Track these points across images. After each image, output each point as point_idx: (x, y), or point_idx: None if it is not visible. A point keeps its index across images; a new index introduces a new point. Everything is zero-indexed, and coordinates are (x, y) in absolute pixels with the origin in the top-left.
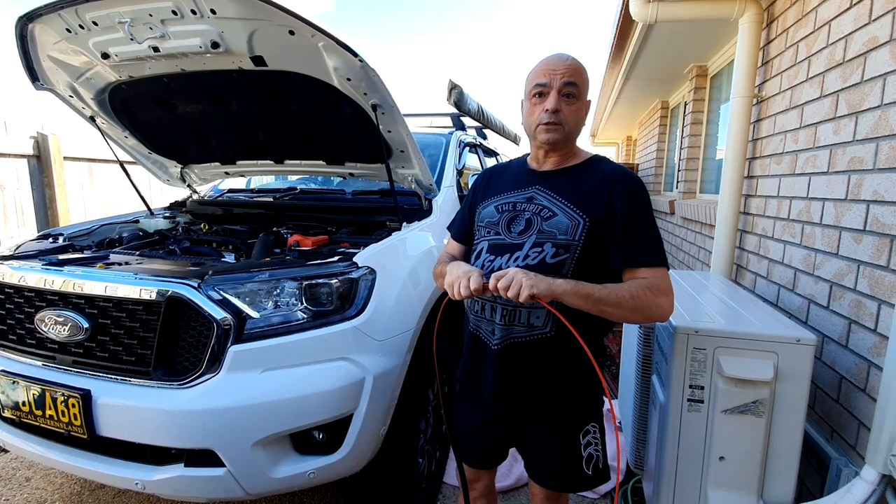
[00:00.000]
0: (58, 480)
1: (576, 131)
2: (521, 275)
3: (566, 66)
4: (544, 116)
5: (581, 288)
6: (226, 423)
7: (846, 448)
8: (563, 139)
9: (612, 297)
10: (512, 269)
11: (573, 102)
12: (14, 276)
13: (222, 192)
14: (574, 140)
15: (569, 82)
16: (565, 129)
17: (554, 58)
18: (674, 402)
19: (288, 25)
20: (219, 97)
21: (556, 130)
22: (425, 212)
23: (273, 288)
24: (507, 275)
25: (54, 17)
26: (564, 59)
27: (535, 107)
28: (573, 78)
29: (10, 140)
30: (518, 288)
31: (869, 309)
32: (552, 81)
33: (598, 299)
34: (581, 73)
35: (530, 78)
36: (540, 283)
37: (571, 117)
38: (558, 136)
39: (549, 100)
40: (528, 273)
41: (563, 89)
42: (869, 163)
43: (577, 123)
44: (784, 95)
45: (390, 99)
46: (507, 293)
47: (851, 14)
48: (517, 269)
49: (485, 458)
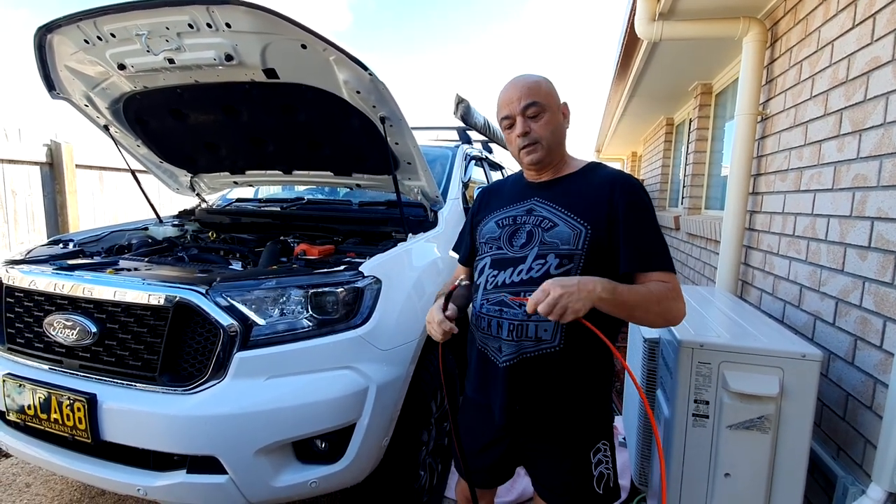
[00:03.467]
0: (58, 487)
1: (555, 142)
2: (564, 298)
3: (520, 90)
4: (519, 142)
5: (618, 296)
6: (229, 429)
7: (852, 466)
8: (546, 154)
9: (642, 303)
10: (549, 287)
11: (540, 117)
12: (24, 280)
13: (230, 202)
14: (559, 150)
15: (527, 105)
16: (544, 145)
17: (508, 87)
18: (679, 417)
19: (300, 39)
20: (230, 108)
21: (536, 149)
22: (431, 223)
23: (279, 295)
24: (549, 299)
25: (73, 28)
26: (517, 84)
27: (510, 135)
28: (530, 98)
29: (24, 147)
30: (563, 311)
31: (875, 326)
32: (512, 110)
33: (631, 306)
34: (538, 88)
35: (497, 113)
36: (584, 299)
37: (544, 131)
38: (540, 153)
39: (517, 126)
40: (566, 285)
41: (526, 112)
42: (873, 180)
43: (554, 133)
44: (788, 113)
45: (399, 112)
46: (551, 317)
47: (854, 34)
48: (554, 287)
49: (490, 477)
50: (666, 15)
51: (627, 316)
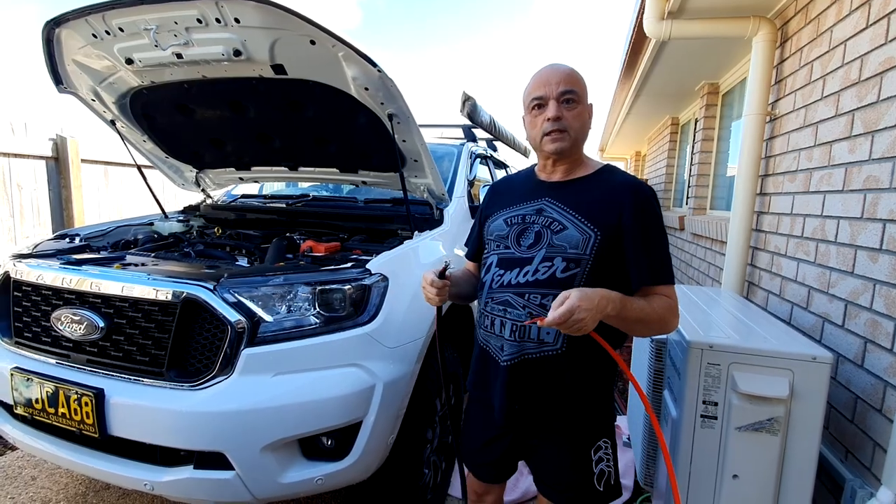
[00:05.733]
0: (63, 480)
1: (581, 136)
2: (582, 312)
3: (560, 75)
4: (547, 126)
5: (625, 312)
6: (237, 425)
7: (861, 469)
8: (571, 146)
9: (644, 320)
10: (573, 302)
11: (574, 107)
12: (32, 275)
13: (235, 198)
14: (581, 147)
15: (565, 90)
16: (571, 135)
17: (547, 69)
18: (686, 418)
19: (310, 35)
20: (237, 104)
21: (562, 138)
22: (437, 221)
23: (287, 292)
24: (570, 320)
25: (81, 22)
26: (558, 69)
27: (536, 118)
28: (569, 85)
29: (30, 142)
30: (580, 328)
31: (885, 328)
32: (549, 92)
33: (634, 320)
34: (577, 79)
35: (527, 92)
36: (596, 316)
37: (575, 122)
38: (565, 143)
39: (549, 109)
40: (585, 297)
41: (562, 97)
42: (885, 182)
43: (582, 128)
44: (798, 113)
45: (406, 109)
46: (567, 332)
47: (867, 35)
48: (576, 302)
49: (495, 472)
50: (675, 14)
51: (626, 329)
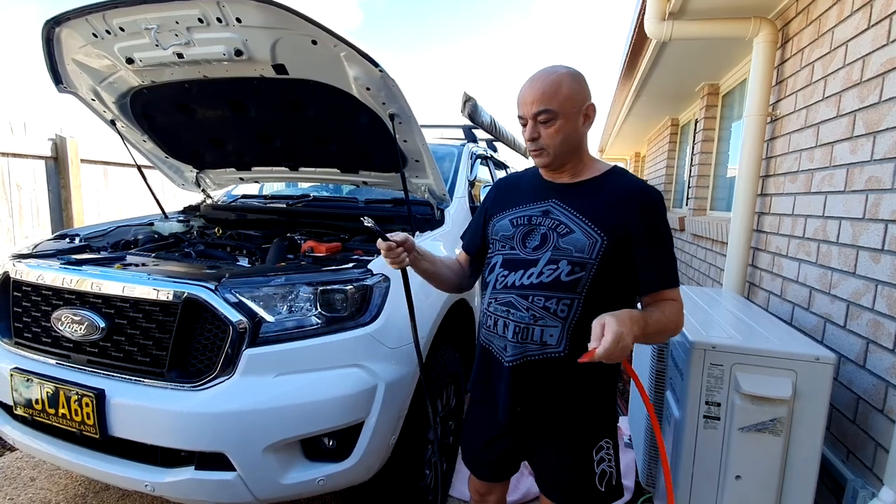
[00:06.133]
0: (62, 481)
1: (566, 148)
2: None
3: (535, 94)
4: (529, 144)
5: (648, 328)
6: (238, 426)
7: (863, 469)
8: (553, 160)
9: (662, 329)
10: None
11: (551, 125)
12: (32, 275)
13: (235, 198)
14: (574, 154)
15: (539, 111)
16: (550, 152)
17: (527, 86)
18: (689, 419)
19: (311, 35)
20: (238, 104)
21: (541, 155)
22: (438, 221)
23: (289, 292)
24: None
25: (81, 21)
26: (535, 86)
27: (524, 133)
28: (544, 104)
29: (29, 141)
30: (625, 350)
31: (887, 329)
32: (525, 112)
33: (654, 333)
34: (555, 92)
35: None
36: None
37: (552, 139)
38: (545, 160)
39: (527, 129)
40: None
41: (537, 117)
42: (887, 182)
43: (566, 140)
44: (799, 114)
45: (408, 109)
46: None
47: (869, 35)
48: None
49: (496, 471)
50: (676, 14)
51: (647, 342)
